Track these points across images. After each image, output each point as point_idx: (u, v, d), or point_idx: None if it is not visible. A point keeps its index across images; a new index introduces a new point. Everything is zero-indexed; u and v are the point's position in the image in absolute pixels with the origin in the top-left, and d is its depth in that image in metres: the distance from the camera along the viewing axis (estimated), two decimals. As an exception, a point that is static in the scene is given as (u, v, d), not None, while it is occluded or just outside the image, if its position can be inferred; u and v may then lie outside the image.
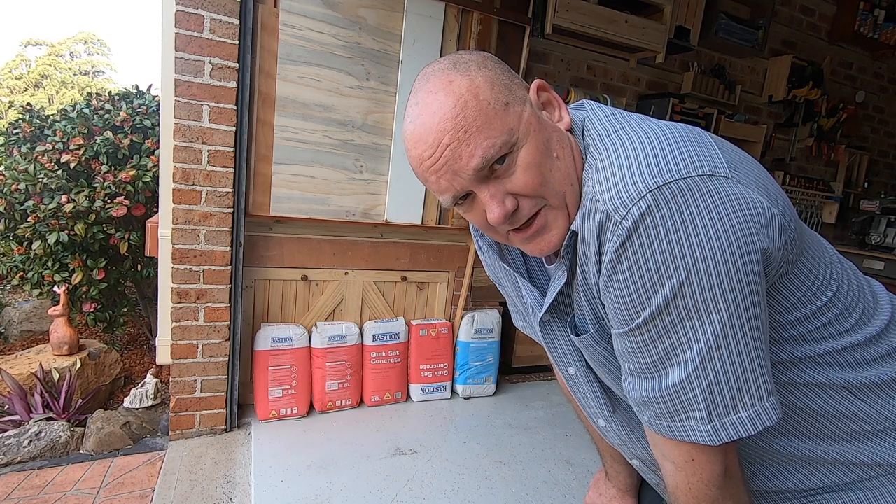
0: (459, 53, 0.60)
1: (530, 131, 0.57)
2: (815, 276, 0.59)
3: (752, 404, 0.53)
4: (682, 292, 0.50)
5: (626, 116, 0.62)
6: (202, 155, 1.92)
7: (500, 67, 0.59)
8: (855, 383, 0.62)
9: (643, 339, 0.55)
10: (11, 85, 10.92)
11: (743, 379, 0.52)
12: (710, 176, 0.50)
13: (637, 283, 0.52)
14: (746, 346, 0.52)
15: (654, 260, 0.50)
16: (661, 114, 2.97)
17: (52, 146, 2.85)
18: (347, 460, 1.99)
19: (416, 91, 0.60)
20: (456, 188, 0.58)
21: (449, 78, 0.56)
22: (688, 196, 0.49)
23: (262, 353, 2.20)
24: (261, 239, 2.21)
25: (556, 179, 0.58)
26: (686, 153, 0.52)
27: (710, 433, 0.54)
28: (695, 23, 2.91)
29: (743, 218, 0.50)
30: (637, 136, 0.55)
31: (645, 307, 0.53)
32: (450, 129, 0.55)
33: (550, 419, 2.50)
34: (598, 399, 0.75)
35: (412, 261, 2.54)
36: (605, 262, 0.54)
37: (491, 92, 0.56)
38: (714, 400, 0.53)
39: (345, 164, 2.27)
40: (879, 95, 4.15)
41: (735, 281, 0.50)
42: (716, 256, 0.49)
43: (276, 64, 2.06)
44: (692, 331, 0.52)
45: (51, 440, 1.94)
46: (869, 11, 3.56)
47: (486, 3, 2.37)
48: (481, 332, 2.65)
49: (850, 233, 3.93)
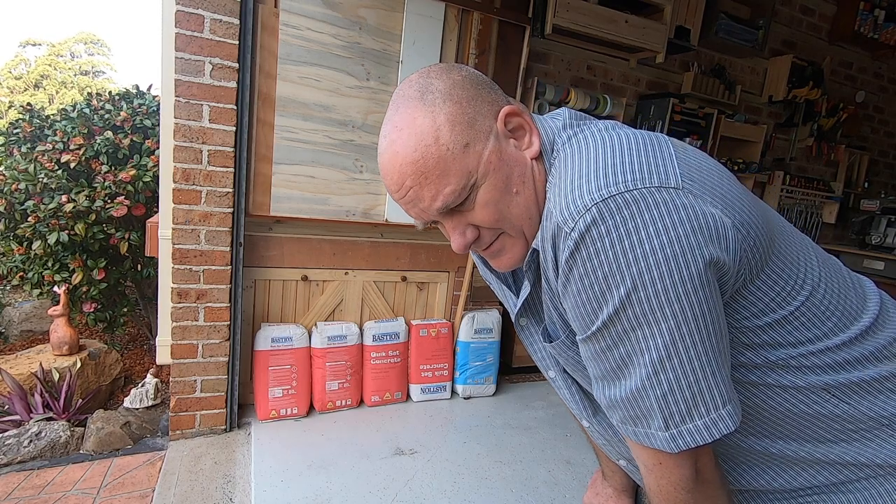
0: (430, 77, 0.61)
1: (489, 171, 0.59)
2: (786, 282, 0.59)
3: (706, 413, 0.53)
4: (629, 301, 0.51)
5: (589, 124, 0.63)
6: (202, 155, 1.92)
7: (466, 96, 0.60)
8: (835, 385, 0.61)
9: (601, 346, 0.56)
10: (11, 85, 10.92)
11: (696, 388, 0.53)
12: (658, 188, 0.51)
13: (588, 291, 0.53)
14: (697, 354, 0.52)
15: (601, 269, 0.52)
16: (661, 114, 2.97)
17: (52, 146, 2.85)
18: (347, 460, 1.99)
19: (386, 120, 0.62)
20: (424, 219, 0.64)
21: (414, 114, 0.58)
22: (633, 208, 0.50)
23: (263, 353, 2.20)
24: (261, 239, 2.21)
25: (514, 214, 0.62)
26: (637, 164, 0.53)
27: (668, 441, 0.55)
28: (695, 23, 2.91)
29: (690, 229, 0.50)
30: (589, 146, 0.58)
31: (598, 315, 0.54)
32: (410, 174, 0.58)
33: (550, 419, 2.50)
34: (577, 402, 0.77)
35: (412, 261, 2.54)
36: (560, 272, 0.56)
37: (451, 134, 0.58)
38: (669, 409, 0.54)
39: (345, 164, 2.27)
40: (879, 95, 4.15)
41: (682, 290, 0.50)
42: (660, 267, 0.50)
43: (277, 64, 2.06)
44: (643, 340, 0.52)
45: (51, 440, 1.94)
46: (869, 11, 3.57)
47: (486, 3, 2.37)
48: (481, 332, 2.65)
49: (851, 233, 3.93)
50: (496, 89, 0.64)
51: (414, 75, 0.63)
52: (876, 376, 0.62)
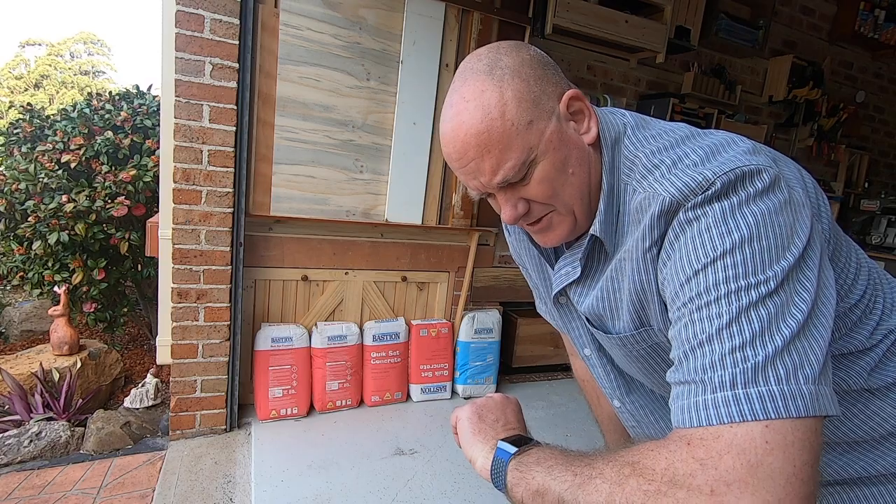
0: (499, 52, 0.62)
1: (549, 149, 0.61)
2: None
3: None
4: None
5: (662, 134, 0.64)
6: (202, 155, 1.92)
7: (534, 75, 0.61)
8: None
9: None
10: (11, 85, 10.92)
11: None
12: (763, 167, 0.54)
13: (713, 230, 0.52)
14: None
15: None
16: (661, 114, 2.96)
17: (52, 146, 2.85)
18: (347, 460, 1.99)
19: (453, 91, 0.63)
20: (480, 190, 0.66)
21: (482, 87, 0.59)
22: (756, 177, 0.52)
23: (263, 353, 2.20)
24: (261, 239, 2.21)
25: (567, 194, 0.64)
26: (729, 154, 0.56)
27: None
28: (695, 23, 2.91)
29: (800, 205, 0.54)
30: (689, 146, 0.59)
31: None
32: (474, 145, 0.60)
33: (550, 419, 2.50)
34: (611, 381, 0.80)
35: (412, 261, 2.54)
36: (674, 228, 0.55)
37: (517, 110, 0.59)
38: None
39: (345, 164, 2.27)
40: (879, 95, 4.15)
41: None
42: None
43: (277, 64, 2.06)
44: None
45: (51, 440, 1.94)
46: (869, 11, 3.56)
47: (487, 3, 2.37)
48: (481, 332, 2.65)
49: (851, 233, 3.93)
50: (559, 72, 0.65)
51: (482, 49, 0.64)
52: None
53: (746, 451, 0.42)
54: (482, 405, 0.70)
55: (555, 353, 2.92)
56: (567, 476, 0.50)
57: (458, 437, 0.68)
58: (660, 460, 0.45)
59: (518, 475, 0.55)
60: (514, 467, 0.56)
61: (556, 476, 0.51)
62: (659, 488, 0.43)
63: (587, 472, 0.49)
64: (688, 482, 0.42)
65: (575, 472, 0.50)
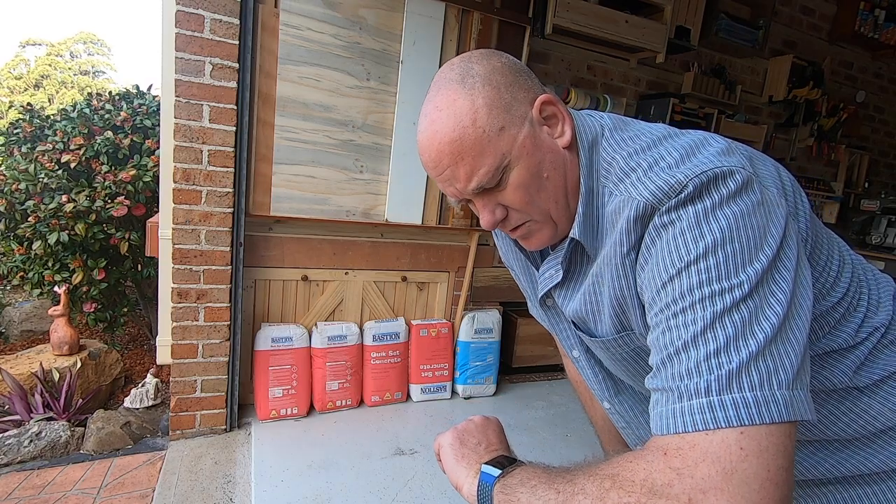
0: (471, 61, 0.63)
1: (523, 154, 0.62)
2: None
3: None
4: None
5: (637, 135, 0.64)
6: (202, 155, 1.92)
7: (505, 82, 0.62)
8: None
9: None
10: (11, 85, 10.92)
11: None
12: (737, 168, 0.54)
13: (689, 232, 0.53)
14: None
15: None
16: (661, 114, 2.97)
17: (52, 146, 2.85)
18: (347, 460, 1.99)
19: (427, 100, 0.65)
20: (457, 197, 0.67)
21: (454, 96, 0.61)
22: (728, 179, 0.52)
23: (263, 353, 2.20)
24: (261, 239, 2.21)
25: (543, 199, 0.65)
26: (711, 151, 0.57)
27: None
28: (695, 23, 2.91)
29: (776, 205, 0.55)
30: (664, 148, 0.59)
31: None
32: (448, 153, 0.61)
33: (550, 419, 2.50)
34: (600, 382, 0.81)
35: (412, 261, 2.54)
36: (650, 232, 0.56)
37: (488, 117, 0.60)
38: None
39: (345, 164, 2.27)
40: (880, 95, 4.15)
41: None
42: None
43: (277, 64, 2.06)
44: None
45: (51, 440, 1.94)
46: (869, 11, 3.56)
47: (487, 3, 2.37)
48: (481, 332, 2.65)
49: (851, 233, 3.93)
50: (533, 78, 0.66)
51: (455, 59, 0.65)
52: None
53: (721, 459, 0.43)
54: (463, 430, 0.70)
55: (555, 353, 2.92)
56: (550, 494, 0.51)
57: (442, 464, 0.69)
58: (638, 471, 0.46)
59: (504, 497, 0.55)
60: (500, 490, 0.57)
61: (540, 496, 0.52)
62: (639, 500, 0.44)
63: (569, 488, 0.50)
64: (666, 492, 0.43)
65: (558, 489, 0.51)
